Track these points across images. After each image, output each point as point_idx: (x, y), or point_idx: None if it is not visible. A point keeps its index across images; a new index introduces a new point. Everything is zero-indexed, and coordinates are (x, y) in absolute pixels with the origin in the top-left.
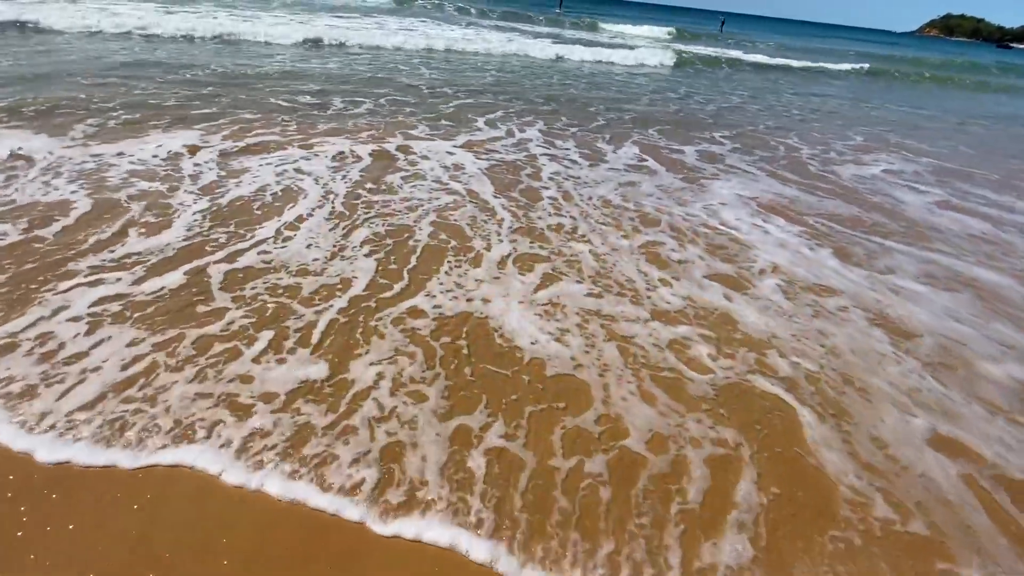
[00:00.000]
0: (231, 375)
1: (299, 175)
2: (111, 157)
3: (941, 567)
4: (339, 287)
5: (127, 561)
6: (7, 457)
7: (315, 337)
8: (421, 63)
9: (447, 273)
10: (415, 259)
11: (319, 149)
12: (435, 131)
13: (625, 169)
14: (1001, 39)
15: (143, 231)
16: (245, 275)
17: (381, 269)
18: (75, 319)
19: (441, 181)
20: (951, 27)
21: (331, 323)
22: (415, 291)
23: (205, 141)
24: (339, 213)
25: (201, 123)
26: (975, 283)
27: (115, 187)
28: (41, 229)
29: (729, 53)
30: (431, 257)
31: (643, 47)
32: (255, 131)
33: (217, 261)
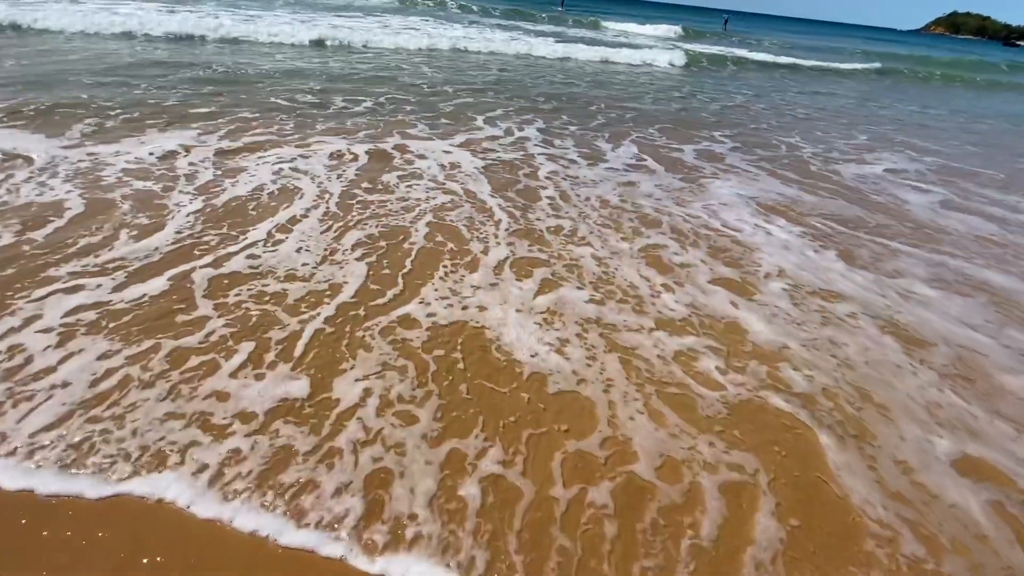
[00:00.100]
0: (207, 391)
1: (295, 175)
2: (108, 157)
3: None
4: (328, 293)
5: None
6: None
7: (298, 350)
8: (423, 62)
9: (442, 278)
10: (409, 262)
11: (317, 148)
12: (434, 130)
13: (624, 169)
14: (1007, 37)
15: (134, 233)
16: (231, 281)
17: (373, 274)
18: (46, 330)
19: (438, 180)
20: (957, 25)
21: (316, 334)
22: (408, 297)
23: (202, 141)
24: (333, 214)
25: (200, 122)
26: (987, 287)
27: (110, 188)
28: (32, 232)
29: (736, 52)
30: (426, 260)
31: (648, 46)
32: (254, 130)
33: (203, 266)
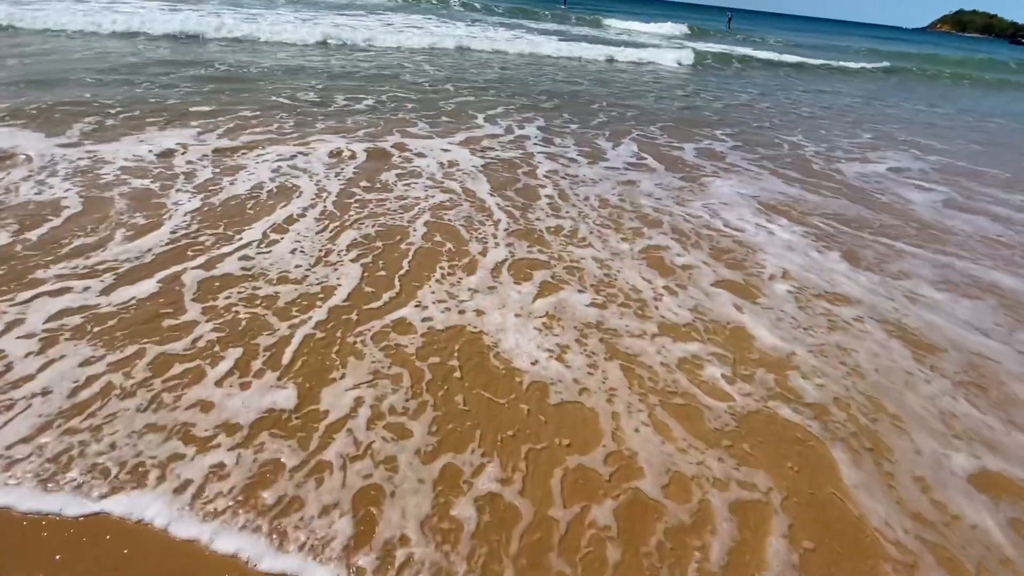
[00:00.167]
0: (190, 401)
1: (294, 174)
2: (108, 156)
3: None
4: (320, 296)
5: None
6: None
7: (286, 357)
8: (425, 60)
9: (439, 280)
10: (406, 263)
11: (317, 147)
12: (434, 128)
13: (625, 167)
14: (1014, 35)
15: (129, 233)
16: (222, 283)
17: (367, 276)
18: (28, 335)
19: (437, 179)
20: (963, 23)
21: (306, 339)
22: (404, 301)
23: (202, 139)
24: (330, 213)
25: (201, 120)
26: (995, 289)
27: (108, 187)
28: (28, 231)
29: (742, 50)
30: (423, 262)
31: (654, 45)
32: (255, 129)
33: (195, 267)
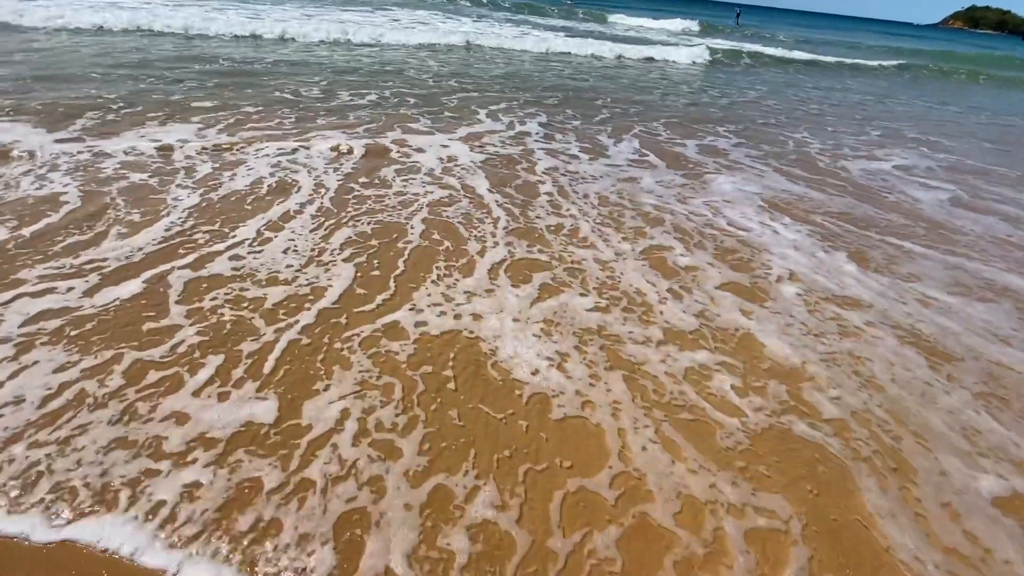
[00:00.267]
0: (165, 412)
1: (293, 169)
2: (109, 151)
3: None
4: (310, 298)
5: None
6: None
7: (268, 365)
8: (430, 56)
9: (435, 281)
10: (402, 263)
11: (318, 142)
12: (436, 124)
13: (627, 164)
14: None
15: (124, 231)
16: (209, 284)
17: (361, 276)
18: (4, 340)
19: (436, 175)
20: (976, 19)
21: (291, 345)
22: (398, 303)
23: (204, 135)
24: (327, 210)
25: (202, 116)
26: (1010, 292)
27: (108, 182)
28: (25, 227)
29: (752, 47)
30: (419, 261)
31: (662, 43)
32: (257, 124)
33: (183, 267)
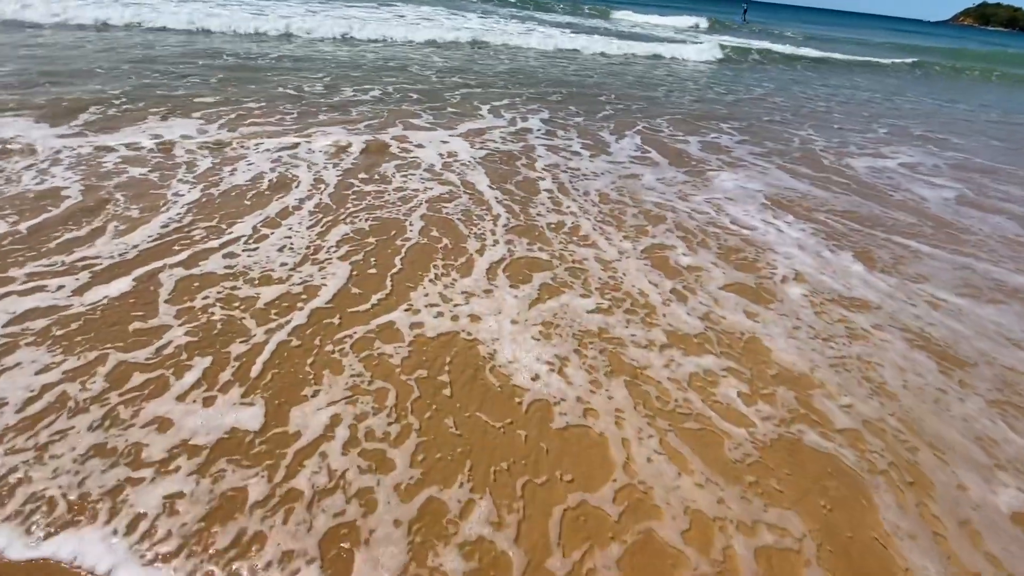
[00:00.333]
0: (147, 417)
1: (293, 165)
2: (111, 146)
3: None
4: (303, 297)
5: None
6: None
7: (256, 368)
8: (434, 52)
9: (432, 281)
10: (399, 261)
11: (320, 138)
12: (438, 120)
13: (629, 161)
14: None
15: (121, 226)
16: (201, 283)
17: (356, 275)
18: None
19: (436, 171)
20: (987, 16)
21: (280, 347)
22: (393, 303)
23: (206, 130)
24: (325, 206)
25: (205, 111)
26: (1021, 295)
27: (108, 176)
28: (21, 223)
29: (760, 44)
30: (417, 259)
31: (667, 39)
32: (259, 120)
33: (175, 264)
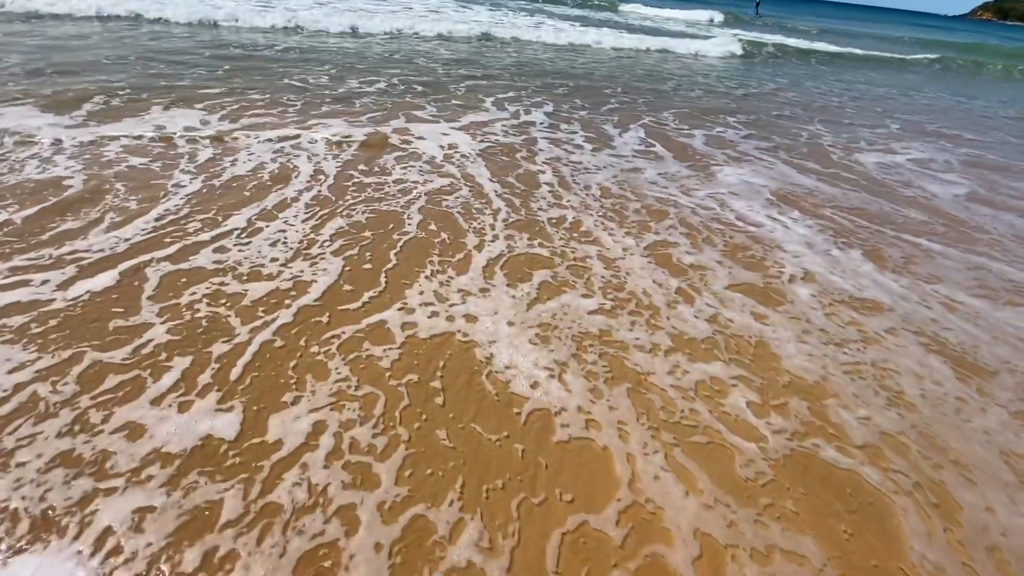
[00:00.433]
0: (118, 423)
1: (294, 156)
2: (114, 136)
3: None
4: (291, 294)
5: None
6: None
7: (237, 370)
8: (441, 45)
9: (428, 277)
10: (394, 256)
11: (321, 130)
12: (441, 112)
13: (632, 155)
14: None
15: (117, 217)
16: (188, 278)
17: (349, 270)
18: None
19: (436, 163)
20: (1005, 10)
21: (263, 348)
22: (387, 301)
23: (210, 121)
24: (323, 198)
25: (209, 103)
26: None
27: (108, 167)
28: (17, 213)
29: (773, 38)
30: (413, 255)
31: (679, 32)
32: (263, 111)
33: (163, 259)
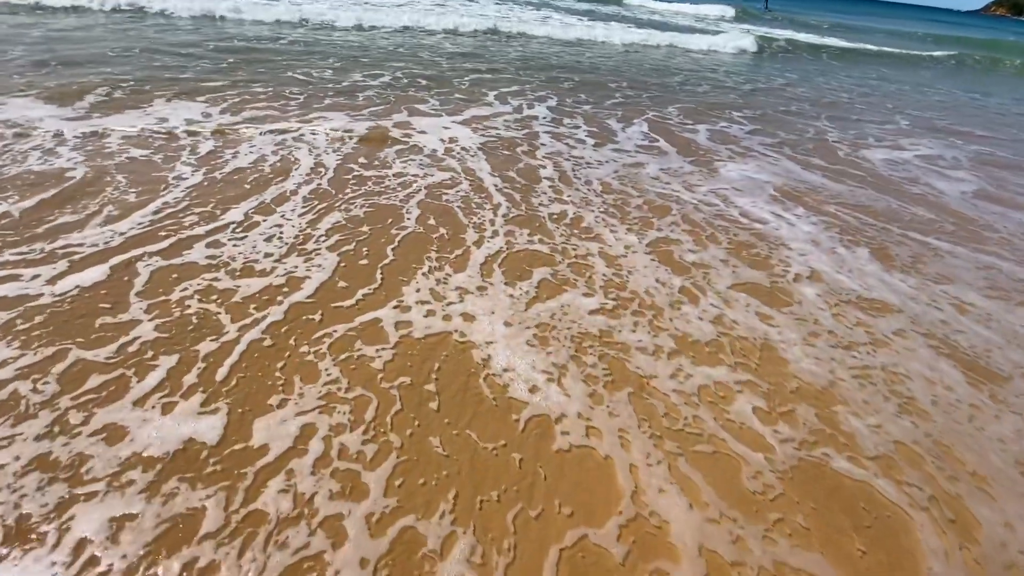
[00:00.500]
0: (98, 425)
1: (295, 149)
2: (117, 129)
3: None
4: (284, 291)
5: None
6: None
7: (223, 370)
8: (446, 39)
9: (425, 274)
10: (391, 251)
11: (323, 123)
12: (444, 106)
13: (635, 150)
14: None
15: (114, 211)
16: (180, 274)
17: (344, 266)
18: None
19: (437, 157)
20: (1020, 6)
21: (251, 347)
22: (382, 299)
23: (212, 114)
24: (322, 192)
25: (211, 96)
26: None
27: (109, 159)
28: (15, 205)
29: (784, 33)
30: (410, 250)
31: (688, 27)
32: (265, 104)
33: (155, 253)
